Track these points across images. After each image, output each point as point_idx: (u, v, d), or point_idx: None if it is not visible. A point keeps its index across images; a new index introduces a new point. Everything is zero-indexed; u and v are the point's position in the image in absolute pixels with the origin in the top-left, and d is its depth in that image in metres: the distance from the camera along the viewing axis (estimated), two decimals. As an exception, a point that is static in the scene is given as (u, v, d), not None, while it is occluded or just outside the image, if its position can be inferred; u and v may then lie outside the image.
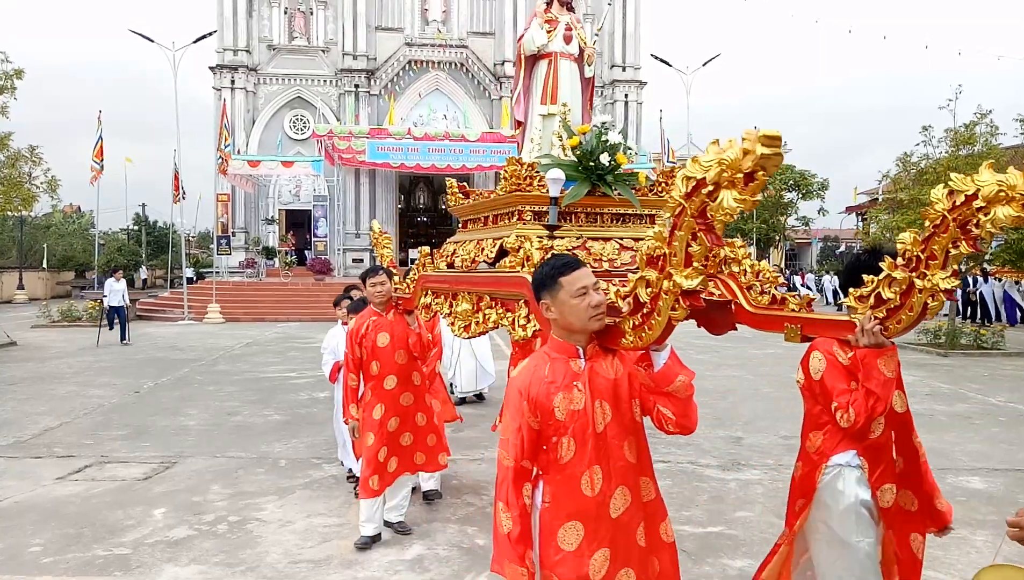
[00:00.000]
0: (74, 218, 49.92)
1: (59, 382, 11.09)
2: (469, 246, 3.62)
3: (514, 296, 2.97)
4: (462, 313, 3.36)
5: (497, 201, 3.58)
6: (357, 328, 4.61)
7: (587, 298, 2.19)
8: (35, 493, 5.73)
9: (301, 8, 30.49)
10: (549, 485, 2.24)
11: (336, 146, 25.93)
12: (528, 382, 2.24)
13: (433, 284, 3.93)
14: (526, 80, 4.29)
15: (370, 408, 4.57)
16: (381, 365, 4.57)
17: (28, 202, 19.18)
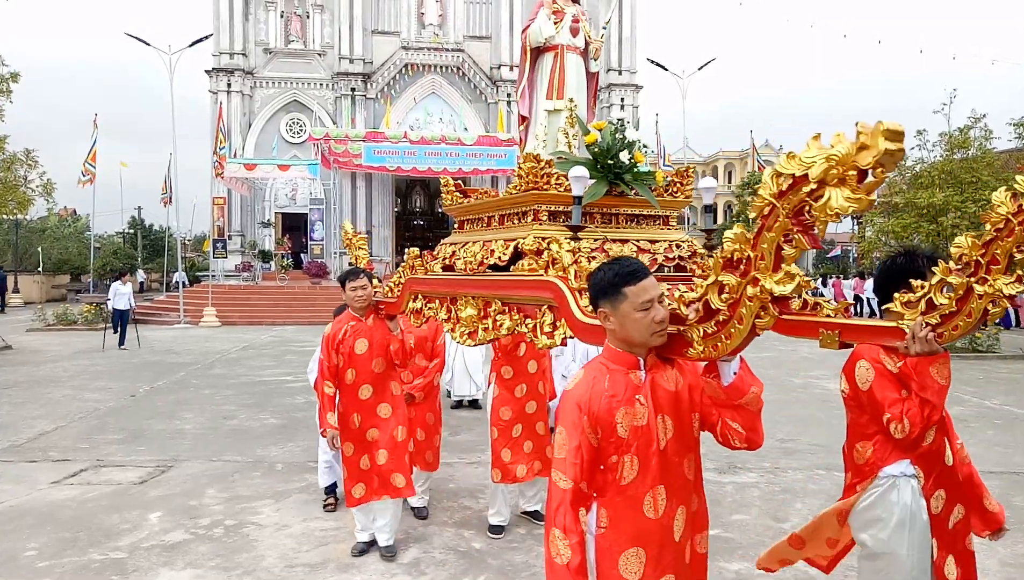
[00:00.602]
0: (69, 222, 49.78)
1: (55, 386, 11.06)
2: (474, 248, 3.42)
3: (536, 301, 2.81)
4: (466, 319, 3.21)
5: (506, 200, 3.41)
6: (334, 333, 4.37)
7: (652, 313, 2.02)
8: (30, 497, 5.71)
9: (297, 12, 30.49)
10: (606, 508, 2.06)
11: (332, 149, 25.91)
12: (588, 396, 2.05)
13: (426, 288, 3.75)
14: (531, 73, 4.10)
15: (346, 418, 4.39)
16: (357, 373, 4.36)
17: (23, 205, 19.14)
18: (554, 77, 3.95)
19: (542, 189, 3.21)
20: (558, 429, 2.08)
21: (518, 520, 5.14)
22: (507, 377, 4.79)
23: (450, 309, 3.46)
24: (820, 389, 10.74)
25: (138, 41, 23.73)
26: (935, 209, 16.86)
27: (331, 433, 4.35)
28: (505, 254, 3.15)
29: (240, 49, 29.83)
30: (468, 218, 3.86)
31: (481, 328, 3.16)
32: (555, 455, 2.07)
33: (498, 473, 4.74)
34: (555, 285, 2.65)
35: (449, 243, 3.88)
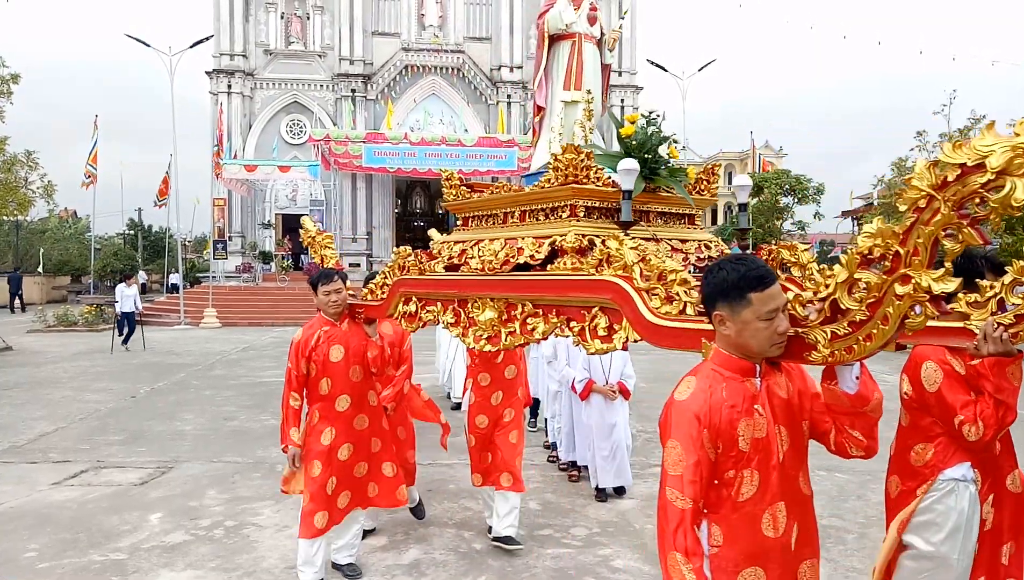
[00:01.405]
0: (70, 223, 49.81)
1: (55, 387, 11.06)
2: (492, 246, 3.16)
3: (584, 302, 2.61)
4: (485, 322, 2.98)
5: (534, 195, 3.16)
6: (305, 339, 3.94)
7: (775, 323, 1.86)
8: (30, 498, 5.71)
9: (298, 13, 30.51)
10: (720, 525, 1.91)
11: (333, 150, 25.92)
12: (707, 407, 1.89)
13: (424, 289, 3.47)
14: (547, 62, 3.88)
15: (318, 433, 3.94)
16: (333, 383, 3.97)
17: (24, 207, 19.18)
18: (571, 67, 3.76)
19: (582, 183, 2.97)
20: (670, 443, 1.92)
21: (518, 521, 5.14)
22: (484, 384, 4.61)
23: (458, 312, 3.23)
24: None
25: (138, 42, 23.75)
26: (935, 210, 16.88)
27: (293, 451, 3.87)
28: (539, 252, 2.92)
29: (240, 50, 29.85)
30: (478, 215, 3.57)
31: (506, 332, 2.94)
32: (670, 472, 1.90)
33: (479, 477, 4.67)
34: (617, 285, 2.45)
35: (453, 241, 3.57)
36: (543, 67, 3.84)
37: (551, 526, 5.09)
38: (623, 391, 5.74)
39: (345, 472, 4.02)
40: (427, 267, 3.56)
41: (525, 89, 30.96)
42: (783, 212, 37.17)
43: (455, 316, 3.26)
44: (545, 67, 3.85)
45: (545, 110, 3.85)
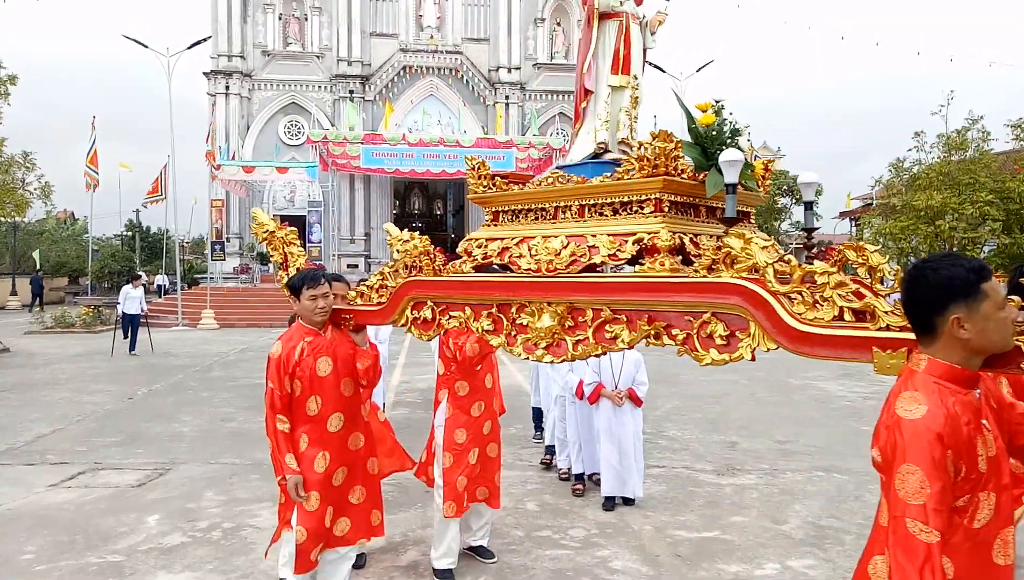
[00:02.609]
0: (67, 224, 49.77)
1: (52, 388, 11.04)
2: (550, 244, 2.83)
3: (691, 307, 2.36)
4: (544, 330, 2.69)
5: (609, 187, 2.83)
6: (287, 353, 3.41)
7: (1007, 310, 1.69)
8: (28, 500, 5.70)
9: (296, 14, 30.52)
10: (951, 556, 1.72)
11: (331, 151, 25.94)
12: (948, 426, 1.68)
13: (449, 293, 3.08)
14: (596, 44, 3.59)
15: (309, 460, 3.43)
16: (324, 401, 3.45)
17: (21, 208, 19.15)
18: (619, 49, 3.45)
19: (671, 174, 2.67)
20: (906, 468, 1.68)
21: (516, 523, 5.13)
22: (462, 394, 4.19)
23: (499, 318, 2.88)
24: (818, 390, 10.75)
25: (136, 43, 23.73)
26: (933, 211, 16.89)
27: (294, 479, 3.33)
28: (623, 252, 2.62)
29: (238, 51, 29.85)
30: (516, 209, 3.16)
31: (572, 341, 2.66)
32: (910, 502, 1.67)
33: (452, 506, 4.10)
34: (746, 289, 2.21)
35: (485, 239, 3.14)
36: (593, 48, 3.51)
37: (549, 527, 5.08)
38: (633, 398, 5.51)
39: (341, 500, 3.55)
40: (439, 269, 3.18)
41: (523, 90, 31.00)
42: (781, 213, 37.26)
43: (495, 323, 2.91)
44: (594, 48, 3.52)
45: (592, 95, 3.51)
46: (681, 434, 7.99)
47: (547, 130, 30.57)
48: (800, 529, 5.06)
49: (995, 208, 16.58)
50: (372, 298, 3.47)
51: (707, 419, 8.75)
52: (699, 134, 2.84)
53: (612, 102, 3.43)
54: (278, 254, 3.85)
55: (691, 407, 9.44)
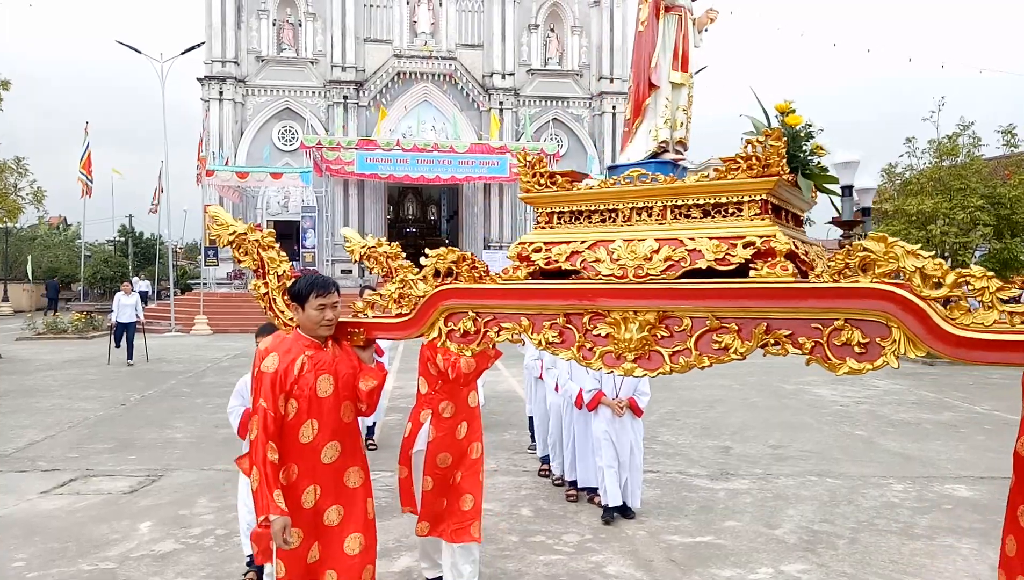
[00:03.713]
0: (60, 230, 49.58)
1: (44, 395, 10.98)
2: (637, 247, 2.63)
3: (819, 314, 2.24)
4: (634, 342, 2.51)
5: (706, 187, 2.64)
6: (285, 368, 2.90)
7: None
8: (19, 507, 5.67)
9: (290, 20, 30.53)
10: None
11: (325, 157, 25.94)
12: None
13: (499, 301, 2.82)
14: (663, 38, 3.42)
15: (298, 491, 2.91)
16: (320, 426, 2.95)
17: (13, 214, 19.07)
18: (678, 45, 3.32)
19: (781, 175, 2.53)
20: None
21: (509, 528, 5.13)
22: (447, 415, 3.93)
23: (568, 329, 2.66)
24: (812, 395, 10.78)
25: (130, 49, 23.72)
26: (924, 216, 16.99)
27: (282, 521, 2.74)
28: (733, 256, 2.45)
29: (232, 57, 29.83)
30: (583, 210, 2.91)
31: (668, 352, 2.49)
32: None
33: (426, 526, 3.91)
34: (898, 295, 2.11)
35: (543, 242, 2.86)
36: (660, 41, 3.32)
37: (543, 532, 5.08)
38: (633, 408, 5.40)
39: (334, 545, 3.01)
40: (489, 274, 2.90)
41: (517, 96, 31.07)
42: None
43: (562, 334, 2.68)
44: (663, 42, 3.34)
45: (657, 90, 3.31)
46: (675, 439, 8.01)
47: (541, 136, 30.64)
48: (793, 534, 5.07)
49: (986, 213, 16.69)
50: (390, 308, 3.02)
51: (701, 424, 8.77)
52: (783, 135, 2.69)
53: (672, 100, 3.30)
54: (249, 260, 3.31)
55: (685, 412, 9.45)
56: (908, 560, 4.59)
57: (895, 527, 5.19)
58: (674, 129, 3.19)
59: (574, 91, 31.82)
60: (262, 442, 2.83)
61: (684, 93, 3.27)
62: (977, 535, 5.04)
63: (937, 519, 5.37)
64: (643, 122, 3.25)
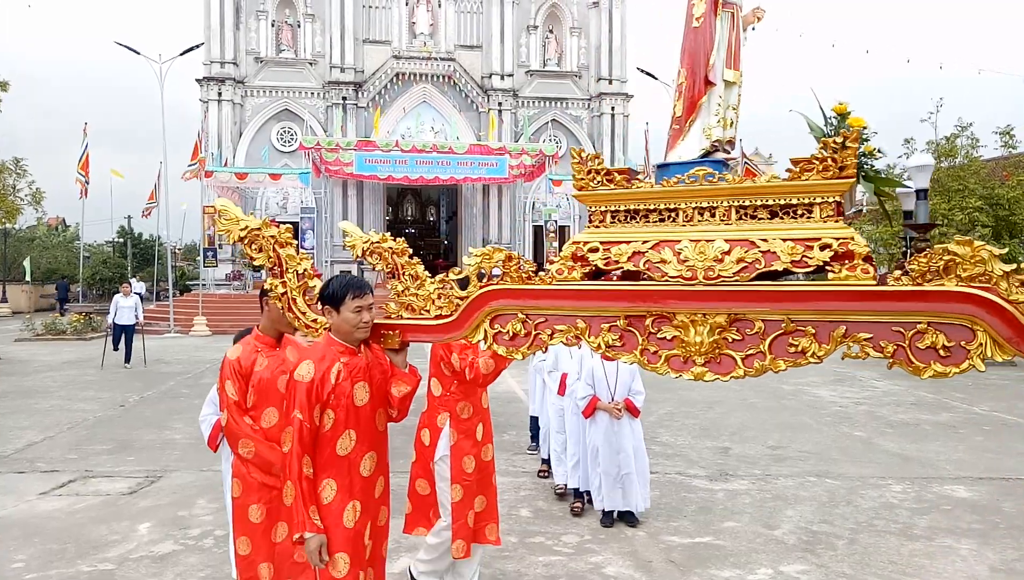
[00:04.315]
0: (58, 231, 49.55)
1: (43, 396, 10.97)
2: (706, 248, 2.57)
3: (901, 318, 2.24)
4: (705, 345, 2.47)
5: (776, 187, 2.59)
6: (322, 376, 2.74)
7: None
8: (18, 508, 5.66)
9: (288, 21, 30.54)
10: None
11: (324, 158, 25.93)
12: None
13: (553, 302, 2.72)
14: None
15: (337, 512, 2.74)
16: (358, 437, 2.81)
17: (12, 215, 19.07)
18: (731, 42, 3.28)
19: (845, 177, 2.48)
20: None
21: (509, 529, 5.13)
22: (465, 416, 3.78)
23: (629, 332, 2.58)
24: (811, 396, 10.78)
25: (128, 50, 23.71)
26: (923, 217, 17.02)
27: (318, 539, 2.65)
28: (810, 258, 2.42)
29: (231, 58, 29.83)
30: (641, 209, 2.80)
31: (741, 355, 2.45)
32: None
33: (461, 545, 3.70)
34: (987, 299, 2.11)
35: (600, 242, 2.75)
36: (722, 37, 3.25)
37: (543, 533, 5.08)
38: (631, 409, 5.31)
39: (376, 560, 2.95)
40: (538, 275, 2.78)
41: (516, 97, 31.08)
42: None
43: (623, 338, 2.60)
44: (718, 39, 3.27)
45: (712, 88, 3.24)
46: (674, 440, 8.01)
47: (540, 137, 30.65)
48: (792, 534, 5.08)
49: (984, 214, 16.72)
50: (429, 310, 2.86)
51: (700, 425, 8.77)
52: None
53: (724, 98, 3.24)
54: (264, 257, 3.11)
55: (684, 413, 9.45)
56: (907, 561, 4.60)
57: (894, 528, 5.20)
58: (727, 127, 3.15)
59: (573, 92, 31.83)
60: (297, 455, 2.71)
61: (735, 92, 3.23)
62: (976, 536, 5.04)
63: (936, 520, 5.38)
64: (697, 120, 3.18)
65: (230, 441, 3.43)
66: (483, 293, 2.76)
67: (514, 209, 30.94)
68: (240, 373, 3.43)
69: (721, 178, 2.62)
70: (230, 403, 3.39)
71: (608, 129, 31.62)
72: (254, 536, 3.25)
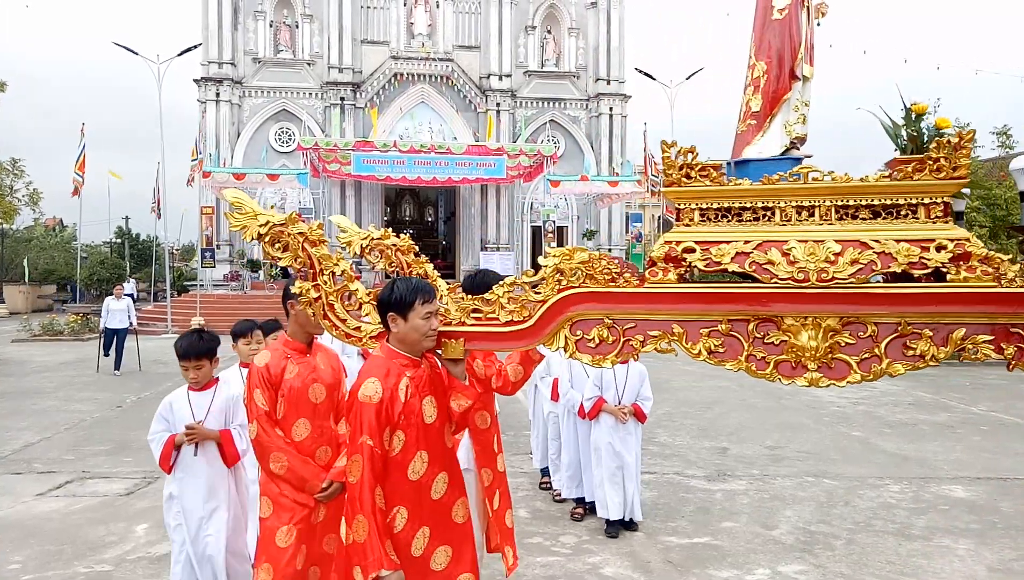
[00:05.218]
0: (56, 231, 49.48)
1: (40, 397, 10.95)
2: (820, 249, 2.46)
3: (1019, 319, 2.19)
4: (820, 350, 2.36)
5: (885, 187, 2.49)
6: (391, 395, 2.46)
7: None
8: (15, 510, 5.65)
9: (287, 21, 30.50)
10: None
11: (322, 158, 25.92)
12: None
13: (648, 306, 2.53)
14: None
15: (406, 542, 2.50)
16: (431, 458, 2.56)
17: (9, 215, 19.06)
18: (808, 38, 3.20)
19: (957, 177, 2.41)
20: None
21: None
22: (484, 426, 3.42)
23: (733, 337, 2.47)
24: (809, 396, 10.79)
25: (126, 50, 23.69)
26: (921, 217, 17.06)
27: (396, 576, 2.39)
28: (929, 260, 2.36)
29: (229, 58, 29.80)
30: (733, 208, 2.64)
31: (856, 360, 2.36)
32: None
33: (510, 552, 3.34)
34: None
35: (698, 242, 2.58)
36: (805, 32, 3.14)
37: (540, 534, 5.08)
38: (638, 414, 5.21)
39: None
40: (615, 276, 2.57)
41: (514, 97, 31.07)
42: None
43: (726, 343, 2.48)
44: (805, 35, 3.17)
45: (799, 82, 3.16)
46: (672, 440, 8.01)
47: (538, 137, 30.65)
48: (790, 534, 5.08)
49: (981, 214, 16.74)
50: (498, 315, 2.62)
51: (698, 425, 8.77)
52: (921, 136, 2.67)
53: (801, 94, 3.19)
54: (291, 257, 2.75)
55: (682, 413, 9.46)
56: (905, 561, 4.60)
57: (892, 528, 5.20)
58: (803, 123, 3.10)
59: (571, 92, 31.82)
60: (369, 485, 2.42)
61: (809, 87, 3.17)
62: (973, 536, 5.05)
63: (934, 520, 5.38)
64: (778, 115, 3.09)
65: (260, 456, 3.15)
66: (564, 297, 2.54)
67: (512, 209, 30.93)
68: (269, 381, 3.16)
69: (827, 175, 2.51)
70: (260, 414, 3.13)
71: (606, 129, 31.61)
72: (278, 563, 3.01)
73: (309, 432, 3.17)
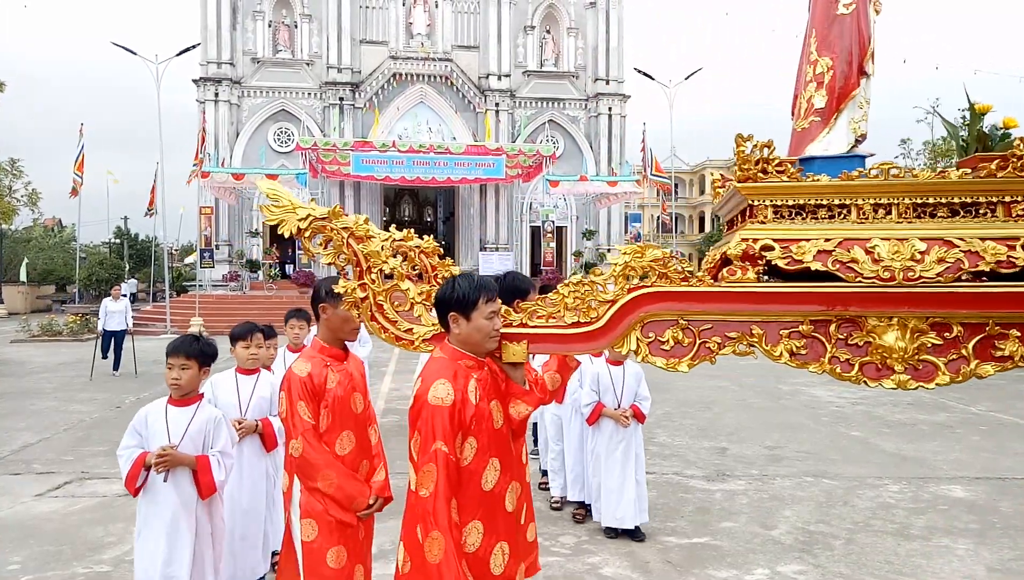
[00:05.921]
0: (55, 232, 49.47)
1: (39, 397, 10.95)
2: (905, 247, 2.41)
3: None
4: (908, 350, 2.31)
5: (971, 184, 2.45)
6: (462, 398, 2.29)
7: None
8: (13, 510, 5.65)
9: (286, 21, 30.51)
10: None
11: (320, 158, 25.92)
12: None
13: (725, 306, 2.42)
14: None
15: (483, 560, 2.32)
16: (502, 466, 2.39)
17: (8, 215, 19.04)
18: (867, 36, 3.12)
19: None
20: None
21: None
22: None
23: (815, 339, 2.39)
24: (808, 396, 10.79)
25: (124, 50, 23.68)
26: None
27: None
28: (1017, 258, 2.31)
29: (228, 59, 29.81)
30: (808, 205, 2.57)
31: (944, 361, 2.31)
32: None
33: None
34: None
35: (777, 240, 2.50)
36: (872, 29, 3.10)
37: (540, 534, 5.04)
38: (637, 415, 5.13)
39: None
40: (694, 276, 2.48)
41: (513, 97, 31.08)
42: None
43: (808, 345, 2.40)
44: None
45: (867, 78, 3.08)
46: (671, 440, 8.02)
47: (537, 137, 30.66)
48: (789, 535, 5.08)
49: None
50: (562, 316, 2.48)
51: (697, 425, 8.78)
52: (988, 137, 2.64)
53: (863, 91, 3.12)
54: (333, 254, 2.57)
55: (681, 413, 9.46)
56: (904, 561, 4.60)
57: (891, 528, 5.20)
58: (865, 120, 3.03)
59: (570, 92, 31.84)
60: (444, 497, 2.19)
61: (871, 85, 3.12)
62: (973, 535, 5.05)
63: (933, 520, 5.38)
64: (844, 112, 3.03)
65: (306, 475, 2.87)
66: (637, 296, 2.42)
67: (511, 210, 30.94)
68: (313, 392, 2.91)
69: (906, 172, 2.45)
70: (307, 428, 2.87)
71: (605, 129, 31.63)
72: None
73: (354, 445, 2.99)
